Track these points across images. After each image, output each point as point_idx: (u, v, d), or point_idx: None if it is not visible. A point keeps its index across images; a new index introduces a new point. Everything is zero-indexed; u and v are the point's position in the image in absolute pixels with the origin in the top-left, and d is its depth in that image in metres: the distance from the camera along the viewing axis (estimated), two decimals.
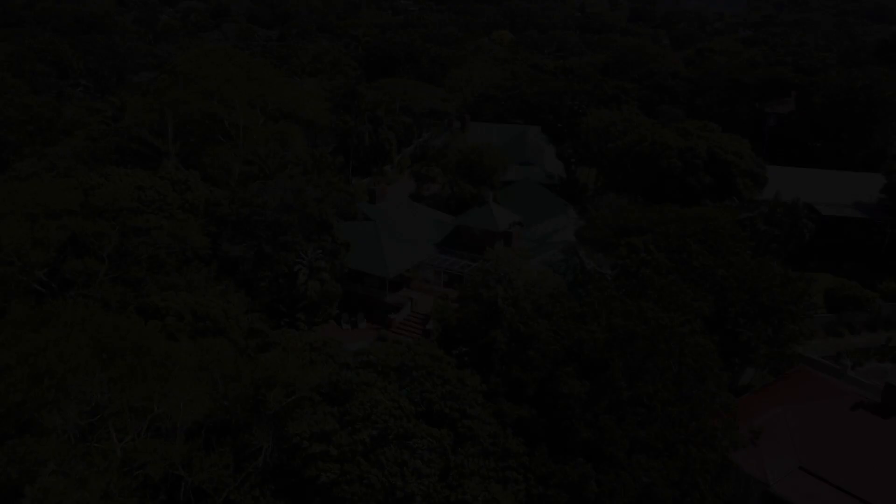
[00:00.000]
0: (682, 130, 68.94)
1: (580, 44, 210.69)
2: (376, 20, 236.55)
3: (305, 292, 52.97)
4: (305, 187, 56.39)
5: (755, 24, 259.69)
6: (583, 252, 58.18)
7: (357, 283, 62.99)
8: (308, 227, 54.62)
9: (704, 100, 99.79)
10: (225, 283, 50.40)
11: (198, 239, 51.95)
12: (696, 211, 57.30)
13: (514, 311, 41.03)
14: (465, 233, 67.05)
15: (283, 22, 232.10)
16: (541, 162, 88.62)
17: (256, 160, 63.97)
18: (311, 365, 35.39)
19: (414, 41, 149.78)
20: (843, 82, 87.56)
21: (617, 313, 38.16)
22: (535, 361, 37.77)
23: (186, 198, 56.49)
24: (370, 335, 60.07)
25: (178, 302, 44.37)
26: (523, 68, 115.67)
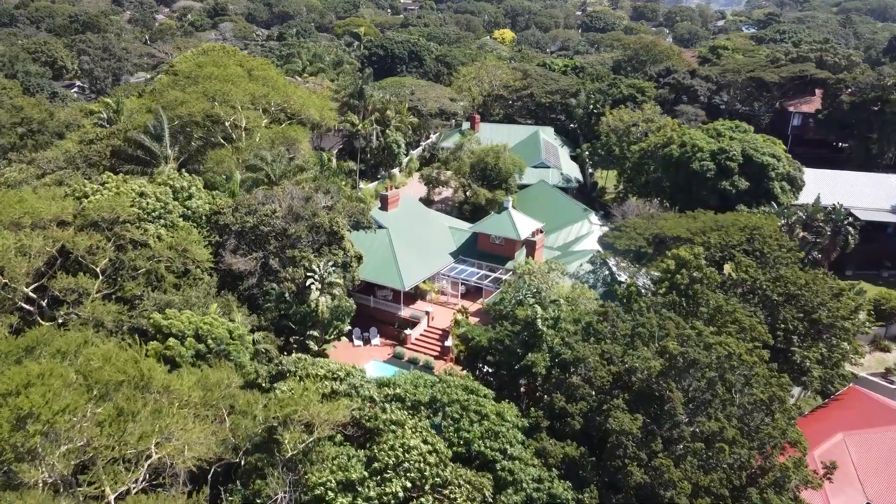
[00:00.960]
0: (712, 131, 64.93)
1: (584, 43, 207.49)
2: (376, 19, 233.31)
3: (316, 309, 48.86)
4: (314, 194, 52.30)
5: (759, 22, 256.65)
6: (613, 263, 54.19)
7: (368, 296, 58.98)
8: (318, 238, 50.52)
9: (724, 98, 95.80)
10: (228, 299, 46.31)
11: (200, 251, 47.82)
12: (736, 217, 53.38)
13: (555, 333, 36.95)
14: (483, 241, 63.00)
15: (282, 21, 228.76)
16: (557, 165, 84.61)
17: (261, 165, 59.78)
18: (333, 398, 31.27)
19: (417, 39, 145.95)
20: (874, 80, 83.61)
21: (673, 337, 34.11)
22: (581, 390, 33.72)
23: (188, 206, 52.36)
24: (384, 352, 56.07)
25: (179, 322, 40.28)
26: (532, 67, 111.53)
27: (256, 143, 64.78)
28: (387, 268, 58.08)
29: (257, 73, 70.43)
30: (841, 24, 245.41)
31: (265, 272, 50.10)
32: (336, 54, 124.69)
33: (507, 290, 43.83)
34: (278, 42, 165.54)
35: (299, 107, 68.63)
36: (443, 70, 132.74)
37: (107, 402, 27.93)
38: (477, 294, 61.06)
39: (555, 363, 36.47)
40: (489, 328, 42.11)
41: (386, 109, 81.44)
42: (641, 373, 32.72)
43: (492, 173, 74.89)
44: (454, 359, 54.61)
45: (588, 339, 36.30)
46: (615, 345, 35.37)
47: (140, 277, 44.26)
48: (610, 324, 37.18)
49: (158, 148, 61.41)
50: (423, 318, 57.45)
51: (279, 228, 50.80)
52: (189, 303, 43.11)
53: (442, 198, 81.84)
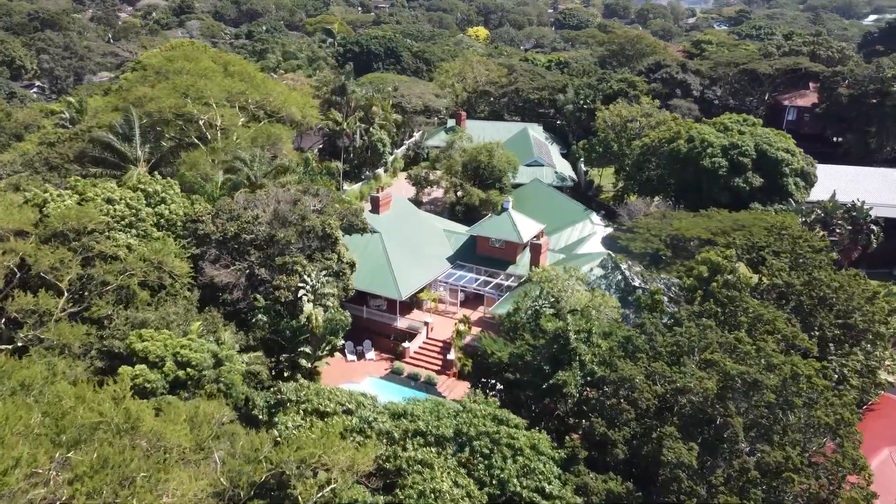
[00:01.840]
0: (719, 125, 61.63)
1: (559, 40, 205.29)
2: (346, 17, 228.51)
3: (308, 323, 44.33)
4: (303, 196, 47.74)
5: (730, 19, 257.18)
6: (625, 267, 50.46)
7: (361, 306, 54.56)
8: (309, 245, 46.00)
9: (716, 93, 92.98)
10: (213, 316, 41.58)
11: (178, 264, 42.97)
12: (757, 216, 50.05)
13: (588, 349, 32.97)
14: (482, 245, 58.91)
15: (250, 19, 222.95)
16: (550, 163, 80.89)
17: (241, 166, 55.02)
18: (347, 434, 26.90)
19: (393, 36, 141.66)
20: (872, 72, 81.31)
21: (717, 350, 30.37)
22: (625, 415, 29.78)
23: (161, 212, 47.48)
24: (381, 367, 51.71)
25: (154, 344, 35.55)
26: (517, 62, 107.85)
27: (234, 142, 59.94)
28: (381, 275, 53.71)
29: (234, 68, 65.45)
30: (811, 21, 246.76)
31: (251, 284, 45.43)
32: (312, 50, 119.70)
33: (522, 299, 39.77)
34: (248, 40, 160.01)
35: (280, 104, 63.84)
36: (422, 67, 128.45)
37: (80, 449, 23.27)
38: (476, 301, 56.99)
39: (587, 382, 32.50)
40: (501, 340, 38.00)
41: (371, 106, 76.94)
42: (696, 395, 28.87)
43: (485, 172, 70.88)
44: (457, 373, 50.57)
45: (626, 355, 32.38)
46: (660, 362, 31.50)
47: (110, 294, 39.30)
48: (648, 337, 33.33)
49: (128, 149, 56.32)
50: (421, 329, 53.19)
51: (265, 235, 46.18)
52: (167, 321, 38.33)
53: (431, 199, 77.61)
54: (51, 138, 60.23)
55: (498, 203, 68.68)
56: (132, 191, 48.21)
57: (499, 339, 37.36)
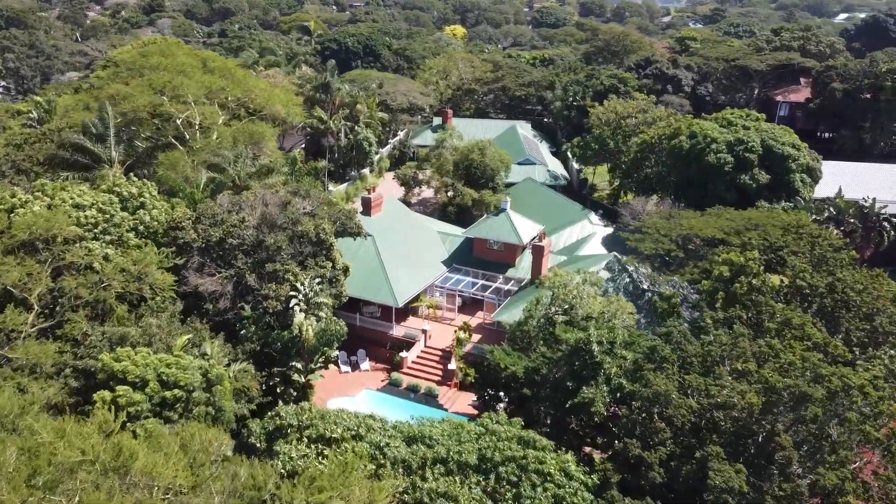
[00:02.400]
0: (722, 120, 59.58)
1: (537, 38, 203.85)
2: (321, 16, 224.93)
3: (301, 335, 41.27)
4: (293, 198, 44.64)
5: (705, 18, 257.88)
6: (632, 269, 48.06)
7: (354, 313, 51.57)
8: (301, 250, 42.92)
9: (708, 89, 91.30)
10: (198, 328, 38.35)
11: (158, 274, 39.68)
12: (770, 215, 48.04)
13: (612, 361, 30.41)
14: (479, 247, 56.20)
15: (223, 18, 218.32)
16: (542, 161, 78.48)
17: (224, 166, 51.73)
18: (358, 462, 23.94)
19: (372, 33, 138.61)
20: (866, 67, 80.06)
21: (761, 362, 27.99)
22: (661, 434, 27.24)
23: (140, 217, 44.10)
24: (377, 378, 48.78)
25: (134, 364, 32.29)
26: (503, 58, 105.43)
27: (214, 141, 56.56)
28: (375, 281, 50.77)
29: (213, 63, 62.01)
30: (784, 19, 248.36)
31: (239, 293, 42.24)
32: (290, 48, 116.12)
33: (534, 307, 37.13)
34: (222, 38, 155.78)
35: (263, 101, 60.52)
36: (403, 64, 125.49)
37: (59, 492, 20.16)
38: (474, 307, 54.29)
39: (615, 398, 29.95)
40: (514, 353, 35.31)
41: (356, 104, 73.81)
42: (740, 410, 26.42)
43: (477, 171, 68.20)
44: (458, 384, 47.83)
45: (653, 368, 29.87)
46: (692, 374, 29.04)
47: (85, 309, 35.95)
48: (675, 346, 30.86)
49: (101, 149, 52.71)
50: (419, 337, 50.33)
51: (252, 240, 43.01)
52: (149, 336, 35.07)
53: (420, 199, 74.74)
54: (17, 140, 56.37)
55: (491, 203, 66.16)
56: (105, 193, 44.81)
57: (512, 352, 34.63)
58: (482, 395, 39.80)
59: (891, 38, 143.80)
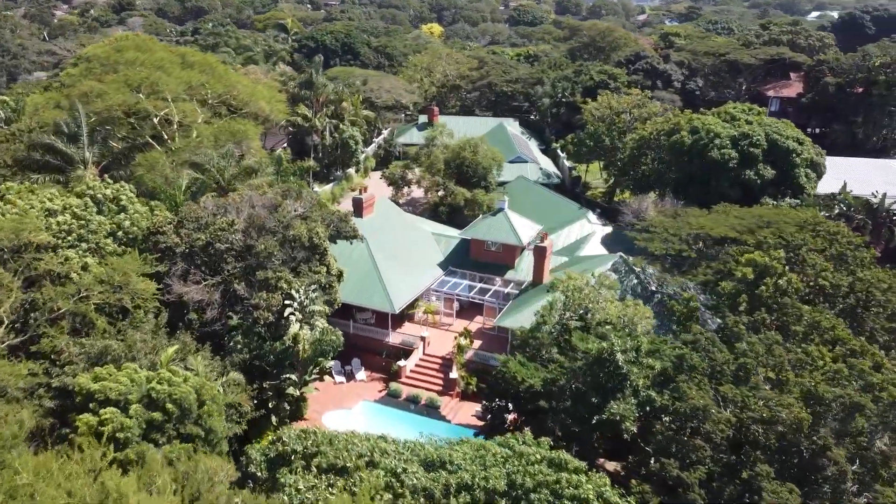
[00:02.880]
0: (724, 115, 57.84)
1: (514, 36, 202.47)
2: (296, 14, 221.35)
3: (296, 346, 38.60)
4: (284, 201, 41.90)
5: (681, 16, 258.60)
6: (639, 270, 46.01)
7: (347, 320, 48.92)
8: (293, 256, 40.20)
9: (698, 84, 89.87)
10: (185, 341, 35.51)
11: (142, 283, 36.76)
12: (779, 212, 46.28)
13: (639, 371, 28.20)
14: (476, 249, 53.82)
15: (195, 16, 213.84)
16: (533, 159, 76.34)
17: (207, 166, 48.83)
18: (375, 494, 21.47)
19: (351, 30, 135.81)
20: (859, 61, 79.05)
21: (799, 370, 25.95)
22: (700, 452, 25.06)
23: (119, 222, 41.11)
24: (373, 389, 46.19)
25: (117, 383, 29.45)
26: (488, 55, 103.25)
27: (194, 140, 53.54)
28: (370, 286, 48.17)
29: (192, 58, 58.89)
30: (758, 17, 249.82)
31: (227, 301, 39.43)
32: (268, 44, 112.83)
33: (548, 313, 34.83)
34: (195, 36, 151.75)
35: (247, 97, 57.55)
36: (383, 62, 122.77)
37: None
38: (472, 311, 51.88)
39: (645, 412, 27.73)
40: (531, 364, 32.96)
41: (342, 101, 71.06)
42: (788, 426, 24.31)
43: (469, 170, 65.81)
44: (460, 393, 45.42)
45: (686, 379, 27.70)
46: (727, 385, 26.92)
47: (63, 322, 32.97)
48: (705, 354, 28.72)
49: (74, 150, 49.47)
50: (417, 344, 47.81)
51: (240, 245, 40.22)
52: (133, 349, 32.18)
53: (408, 199, 72.18)
54: None
55: (484, 203, 63.92)
56: (77, 197, 41.75)
57: (527, 363, 32.24)
58: (490, 407, 37.42)
59: (867, 34, 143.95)
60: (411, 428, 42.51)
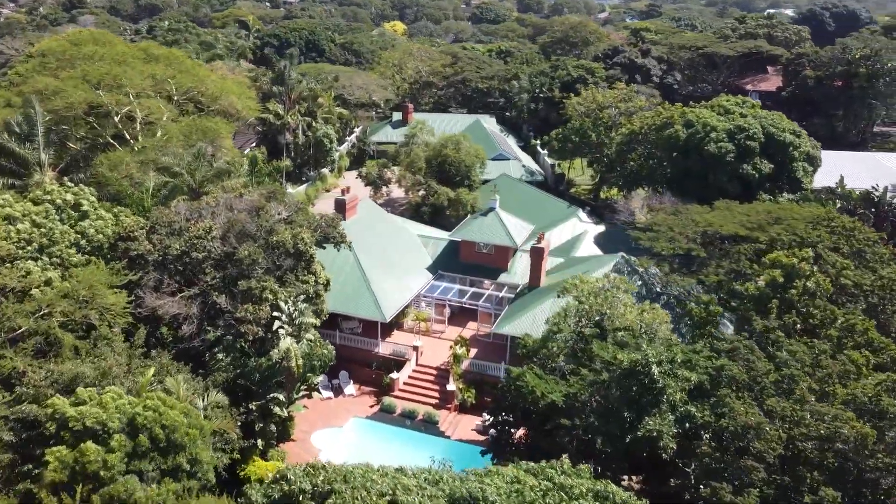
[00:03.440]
0: (718, 108, 56.06)
1: (478, 34, 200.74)
2: (255, 12, 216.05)
3: (284, 362, 35.30)
4: (267, 204, 38.55)
5: (642, 14, 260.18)
6: (642, 270, 43.77)
7: (332, 330, 45.65)
8: (279, 264, 36.86)
9: (676, 78, 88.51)
10: (163, 362, 32.02)
11: (109, 296, 33.17)
12: (782, 207, 44.56)
13: (676, 384, 25.74)
14: (466, 251, 51.02)
15: (150, 14, 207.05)
16: (515, 156, 73.92)
17: (177, 168, 45.15)
18: None
19: (315, 27, 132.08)
20: (839, 53, 78.42)
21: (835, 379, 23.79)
22: (754, 474, 22.66)
23: (82, 230, 37.33)
24: (364, 404, 43.10)
25: (99, 409, 25.96)
26: (462, 50, 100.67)
27: (161, 139, 49.75)
28: (358, 294, 45.03)
29: (156, 52, 54.95)
30: (717, 15, 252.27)
31: (206, 315, 35.94)
32: (230, 41, 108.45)
33: (563, 320, 32.21)
34: (151, 34, 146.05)
35: (217, 93, 53.83)
36: (351, 59, 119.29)
37: None
38: (463, 316, 49.11)
39: (684, 429, 25.27)
40: (551, 378, 30.29)
41: (317, 97, 67.59)
42: (849, 442, 22.06)
43: (451, 168, 63.02)
44: (458, 406, 42.60)
45: (724, 391, 25.33)
46: (773, 398, 24.62)
47: (26, 343, 29.27)
48: (744, 365, 26.40)
49: (28, 151, 45.33)
50: (409, 354, 44.83)
51: (219, 253, 36.76)
52: (107, 374, 28.63)
53: (387, 200, 69.09)
54: None
55: (468, 202, 61.25)
56: (34, 204, 37.89)
57: (545, 375, 29.53)
58: (496, 423, 34.74)
59: (827, 31, 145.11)
60: (409, 446, 39.65)
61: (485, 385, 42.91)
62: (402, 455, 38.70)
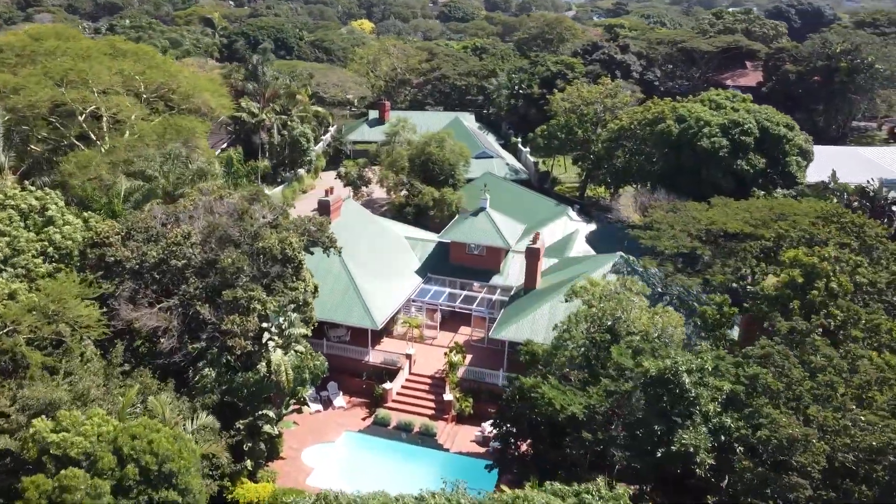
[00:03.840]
0: (709, 102, 54.78)
1: (448, 32, 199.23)
2: (219, 11, 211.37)
3: (273, 376, 32.85)
4: (250, 207, 35.99)
5: (608, 11, 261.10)
6: (641, 270, 42.15)
7: (319, 339, 43.21)
8: (266, 271, 34.34)
9: (656, 74, 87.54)
10: (146, 382, 29.42)
11: (80, 308, 30.44)
12: (786, 202, 43.39)
13: (708, 394, 23.99)
14: (456, 252, 48.95)
15: (110, 13, 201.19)
16: (497, 154, 72.09)
17: (150, 170, 42.32)
18: None
19: (283, 24, 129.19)
20: (819, 48, 78.07)
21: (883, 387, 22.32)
22: (797, 491, 21.01)
23: (48, 236, 34.44)
24: (356, 417, 40.79)
25: (83, 435, 23.34)
26: (438, 46, 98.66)
27: (132, 138, 46.77)
28: (347, 300, 42.69)
29: (124, 46, 51.86)
30: (683, 13, 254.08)
31: (188, 327, 33.31)
32: (196, 38, 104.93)
33: (573, 326, 30.30)
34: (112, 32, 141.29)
35: (190, 90, 50.92)
36: (322, 56, 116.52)
37: None
38: (454, 321, 47.05)
39: (719, 442, 23.52)
40: (569, 389, 28.36)
41: (295, 94, 64.90)
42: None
43: (435, 167, 60.91)
44: (455, 417, 40.51)
45: (762, 401, 23.66)
46: (814, 406, 23.02)
47: None
48: (778, 372, 24.78)
49: None
50: (402, 363, 42.61)
51: (199, 261, 34.13)
52: (85, 397, 25.95)
53: (367, 201, 66.68)
54: None
55: (453, 202, 59.22)
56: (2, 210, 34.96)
57: (561, 386, 27.58)
58: (500, 436, 32.79)
59: (793, 27, 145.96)
60: (407, 461, 37.47)
61: (482, 393, 40.97)
62: (400, 471, 36.65)
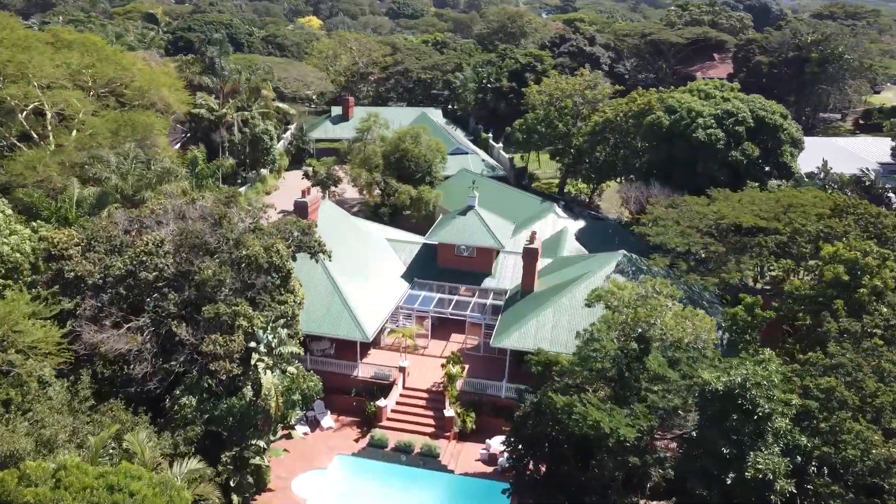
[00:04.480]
0: (699, 92, 52.74)
1: (398, 29, 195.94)
2: (160, 7, 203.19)
3: (261, 401, 29.03)
4: (228, 211, 32.01)
5: (556, 7, 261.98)
6: (644, 268, 39.64)
7: (303, 352, 39.30)
8: (250, 282, 30.44)
9: (626, 66, 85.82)
10: (120, 415, 25.32)
11: (35, 330, 26.20)
12: (788, 193, 41.58)
13: (781, 411, 21.28)
14: (445, 255, 45.63)
15: (42, 9, 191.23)
16: (472, 150, 69.04)
17: (104, 171, 37.82)
18: None
19: (231, 20, 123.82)
20: (789, 38, 77.36)
21: None
22: None
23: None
24: (348, 438, 37.11)
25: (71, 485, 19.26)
26: (400, 40, 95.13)
27: (84, 136, 42.09)
28: (333, 311, 38.90)
29: (69, 36, 46.90)
30: (631, 9, 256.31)
31: (162, 349, 29.20)
32: (141, 34, 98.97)
33: (604, 334, 27.30)
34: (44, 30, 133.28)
35: (146, 85, 46.27)
36: (275, 53, 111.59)
37: None
38: (444, 328, 43.72)
39: (795, 464, 20.84)
40: (616, 410, 25.33)
41: (259, 89, 60.47)
42: None
43: (410, 164, 57.52)
44: (457, 434, 37.20)
45: (843, 415, 21.11)
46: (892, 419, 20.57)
47: None
48: (852, 384, 22.26)
49: None
50: (395, 376, 39.08)
51: (171, 272, 30.05)
52: (51, 443, 21.76)
53: (337, 201, 62.72)
54: None
55: (431, 201, 56.05)
56: None
57: (614, 410, 24.34)
58: (515, 457, 29.71)
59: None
60: (409, 486, 33.99)
61: (483, 406, 37.80)
62: (402, 499, 33.34)
